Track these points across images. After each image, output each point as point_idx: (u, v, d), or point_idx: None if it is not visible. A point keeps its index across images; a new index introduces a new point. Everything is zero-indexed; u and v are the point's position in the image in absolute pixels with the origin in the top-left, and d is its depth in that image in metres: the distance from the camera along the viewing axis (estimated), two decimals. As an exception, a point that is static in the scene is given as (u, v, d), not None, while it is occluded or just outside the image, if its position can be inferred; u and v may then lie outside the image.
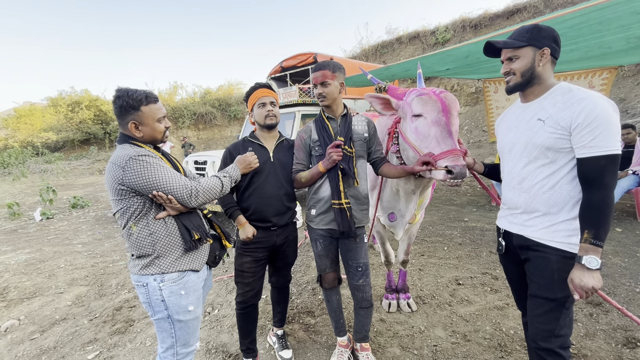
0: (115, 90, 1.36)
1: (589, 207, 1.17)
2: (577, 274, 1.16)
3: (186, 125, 17.33)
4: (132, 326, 2.62)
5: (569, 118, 1.18)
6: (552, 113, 1.23)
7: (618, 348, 2.01)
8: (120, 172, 1.26)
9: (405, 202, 2.13)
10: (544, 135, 1.25)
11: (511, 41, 1.31)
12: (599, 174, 1.14)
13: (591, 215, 1.16)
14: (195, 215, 1.47)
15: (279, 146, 1.91)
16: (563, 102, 1.22)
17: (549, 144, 1.24)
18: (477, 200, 6.05)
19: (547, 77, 1.30)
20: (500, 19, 11.02)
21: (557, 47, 1.29)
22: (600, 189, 1.15)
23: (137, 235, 1.33)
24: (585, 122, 1.14)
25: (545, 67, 1.28)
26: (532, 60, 1.28)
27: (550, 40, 1.26)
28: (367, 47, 14.26)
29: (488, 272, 3.12)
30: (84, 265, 3.96)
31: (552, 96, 1.27)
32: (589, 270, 1.14)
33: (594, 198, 1.16)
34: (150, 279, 1.34)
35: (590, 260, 1.13)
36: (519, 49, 1.29)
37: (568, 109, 1.19)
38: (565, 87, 1.26)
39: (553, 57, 1.29)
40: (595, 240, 1.13)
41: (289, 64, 6.43)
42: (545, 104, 1.28)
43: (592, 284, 1.13)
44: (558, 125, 1.21)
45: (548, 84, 1.30)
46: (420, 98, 1.70)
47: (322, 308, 2.68)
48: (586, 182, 1.18)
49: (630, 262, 3.14)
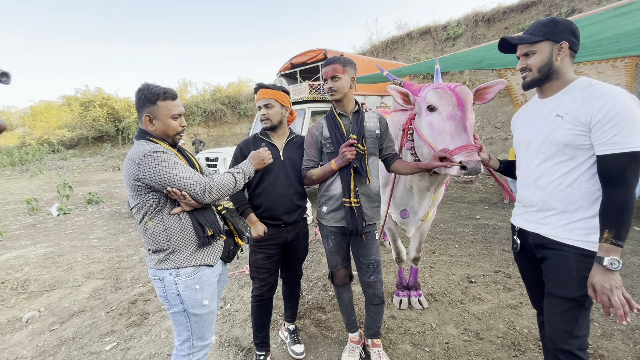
0: (139, 85, 1.40)
1: (609, 205, 1.13)
2: (598, 277, 1.12)
3: (196, 123, 17.51)
4: (147, 319, 2.68)
5: (589, 114, 1.14)
6: (572, 109, 1.20)
7: (637, 349, 1.96)
8: (136, 168, 1.28)
9: (418, 199, 2.12)
10: (562, 131, 1.21)
11: (527, 36, 1.27)
12: (621, 171, 1.11)
13: (612, 214, 1.12)
14: (209, 211, 1.49)
15: (289, 144, 1.91)
16: (583, 98, 1.18)
17: (567, 140, 1.20)
18: (489, 198, 5.96)
19: (565, 72, 1.26)
20: (514, 12, 10.79)
21: (576, 40, 1.24)
22: (622, 186, 1.11)
23: (153, 231, 1.36)
24: (606, 118, 1.11)
25: (563, 62, 1.24)
26: (550, 55, 1.24)
27: (568, 34, 1.22)
28: (377, 42, 14.13)
29: (501, 270, 3.08)
30: (100, 259, 4.06)
31: (571, 91, 1.23)
32: (610, 272, 1.10)
33: (614, 196, 1.12)
34: (166, 274, 1.36)
35: (612, 262, 1.09)
36: (536, 44, 1.26)
37: (588, 105, 1.15)
38: (585, 82, 1.21)
39: (572, 51, 1.25)
40: (616, 240, 1.10)
41: (298, 61, 6.42)
42: (564, 99, 1.24)
43: (614, 285, 1.10)
44: (577, 121, 1.17)
45: (567, 79, 1.26)
46: (435, 92, 1.68)
47: (333, 304, 2.69)
48: (607, 180, 1.15)
49: (649, 262, 3.06)
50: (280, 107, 1.84)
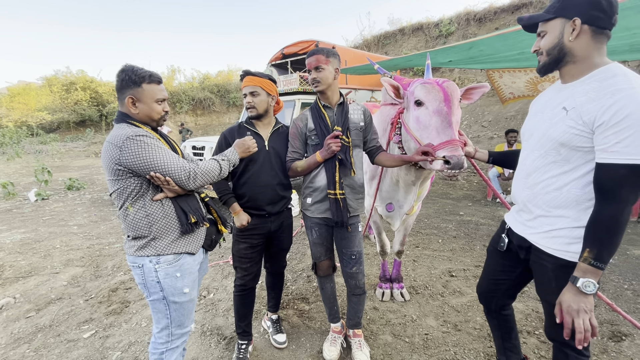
0: (122, 66, 1.35)
1: (596, 222, 1.00)
2: (568, 296, 1.03)
3: (184, 111, 17.14)
4: (128, 307, 2.64)
5: (594, 112, 0.98)
6: (579, 103, 1.03)
7: (604, 341, 2.06)
8: (117, 151, 1.24)
9: (404, 193, 2.14)
10: (561, 128, 1.07)
11: (537, 14, 1.12)
12: (617, 185, 0.96)
13: (597, 232, 0.99)
14: (192, 198, 1.47)
15: (274, 134, 1.89)
16: (597, 91, 0.99)
17: (564, 139, 1.06)
18: (473, 195, 6.09)
19: (586, 54, 1.05)
20: (505, 13, 10.89)
21: (601, 13, 1.00)
22: (615, 203, 0.97)
23: (134, 217, 1.33)
24: (612, 121, 0.94)
25: (580, 41, 1.04)
26: (560, 34, 1.06)
27: (586, 7, 1.01)
28: (369, 37, 14.06)
29: (481, 265, 3.17)
30: (80, 246, 3.96)
31: (589, 81, 1.04)
32: (582, 294, 1.00)
33: (604, 212, 0.99)
34: (146, 261, 1.34)
35: (586, 284, 0.99)
36: (547, 23, 1.10)
37: (598, 101, 0.98)
38: (610, 71, 1.00)
39: (596, 28, 1.02)
40: (596, 262, 0.98)
41: (290, 51, 6.34)
42: (579, 89, 1.06)
43: (582, 308, 1.00)
44: (580, 119, 1.02)
45: (589, 63, 1.05)
46: (423, 87, 1.69)
47: (317, 295, 2.71)
48: (600, 193, 1.01)
49: (620, 260, 3.20)
50: (266, 96, 1.81)
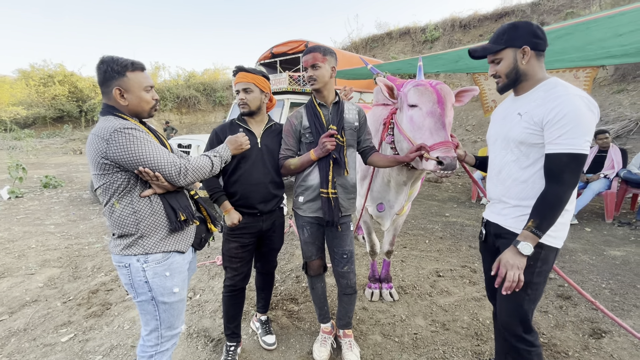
0: (100, 58, 1.29)
1: (543, 198, 1.21)
2: (508, 254, 1.23)
3: (168, 109, 16.76)
4: (109, 309, 2.54)
5: (542, 114, 1.20)
6: (530, 108, 1.25)
7: (585, 338, 2.13)
8: (104, 145, 1.19)
9: (395, 194, 2.15)
10: (518, 129, 1.28)
11: (489, 46, 1.32)
12: (560, 170, 1.17)
13: (541, 207, 1.20)
14: (182, 195, 1.42)
15: (267, 131, 1.86)
16: (543, 98, 1.23)
17: (522, 138, 1.27)
18: (457, 197, 6.21)
19: (534, 72, 1.29)
20: (489, 20, 11.22)
21: (540, 40, 1.26)
22: (558, 184, 1.18)
23: (120, 213, 1.27)
24: (555, 119, 1.16)
25: (530, 64, 1.28)
26: (514, 60, 1.28)
27: (529, 37, 1.25)
28: (357, 39, 14.19)
29: (467, 265, 3.22)
30: (57, 246, 3.79)
31: (537, 91, 1.28)
32: (519, 254, 1.21)
33: (549, 191, 1.19)
34: (133, 260, 1.29)
35: (525, 247, 1.19)
36: (499, 52, 1.30)
37: (544, 105, 1.21)
38: (551, 83, 1.26)
39: (538, 51, 1.27)
40: (536, 230, 1.18)
41: (279, 51, 6.30)
42: (529, 98, 1.29)
43: (516, 264, 1.21)
44: (532, 120, 1.23)
45: (537, 79, 1.30)
46: (416, 88, 1.70)
47: (306, 295, 2.69)
48: (548, 176, 1.22)
49: (597, 260, 3.32)
50: (259, 93, 1.79)
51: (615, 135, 6.42)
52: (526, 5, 10.34)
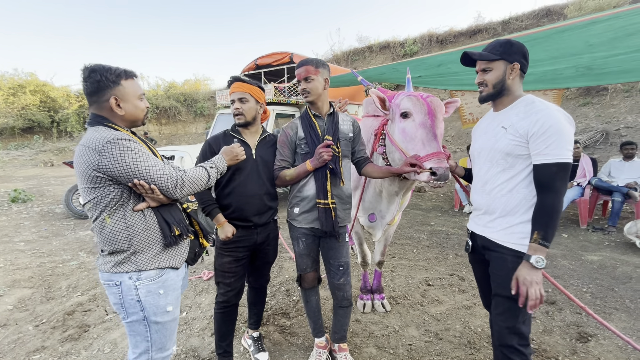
0: (85, 67, 1.22)
1: (540, 209, 1.25)
2: (523, 271, 1.25)
3: (147, 120, 16.34)
4: (87, 332, 2.38)
5: (527, 127, 1.27)
6: (514, 122, 1.32)
7: (572, 342, 2.19)
8: (96, 156, 1.13)
9: (387, 204, 2.17)
10: (504, 141, 1.34)
11: (486, 54, 1.38)
12: (551, 179, 1.23)
13: (542, 218, 1.24)
14: (175, 208, 1.37)
15: (262, 142, 1.84)
16: (524, 112, 1.30)
17: (508, 149, 1.32)
18: (441, 206, 6.35)
19: (515, 89, 1.38)
20: (463, 37, 11.75)
21: (526, 62, 1.37)
22: (551, 193, 1.23)
23: (112, 229, 1.20)
24: (540, 131, 1.23)
25: (514, 81, 1.36)
26: (504, 73, 1.35)
27: (520, 56, 1.34)
28: (339, 52, 14.46)
29: (455, 274, 3.27)
30: (28, 265, 3.54)
31: (517, 106, 1.36)
32: (534, 269, 1.23)
33: (545, 202, 1.24)
34: (125, 277, 1.21)
35: (538, 260, 1.22)
36: (493, 62, 1.36)
37: (527, 119, 1.27)
38: (529, 99, 1.34)
39: (522, 72, 1.37)
40: (543, 241, 1.22)
41: (264, 62, 6.32)
42: (510, 113, 1.36)
43: (534, 280, 1.22)
44: (517, 133, 1.29)
45: (516, 95, 1.39)
46: (409, 99, 1.74)
47: (297, 309, 2.63)
48: (539, 187, 1.27)
49: (576, 265, 3.46)
50: (255, 103, 1.77)
51: (583, 145, 6.80)
52: (497, 23, 10.92)
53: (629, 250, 3.83)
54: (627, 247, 3.90)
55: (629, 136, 6.49)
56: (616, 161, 4.84)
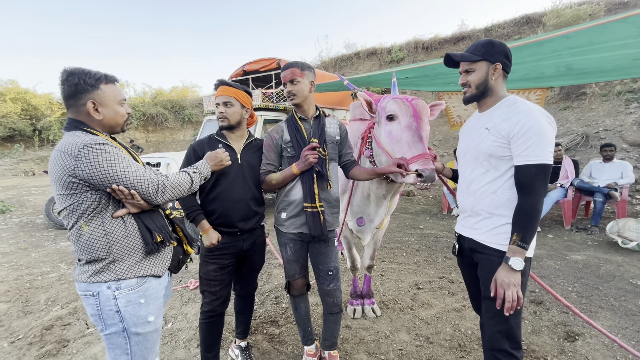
0: (64, 70, 1.18)
1: (520, 211, 1.25)
2: (502, 273, 1.24)
3: (134, 127, 16.06)
4: (67, 347, 2.28)
5: (508, 128, 1.27)
6: (497, 123, 1.32)
7: (560, 342, 2.20)
8: (72, 161, 1.09)
9: (375, 207, 2.16)
10: (487, 142, 1.34)
11: (468, 54, 1.38)
12: (530, 180, 1.23)
13: (521, 219, 1.24)
14: (157, 214, 1.33)
15: (247, 146, 1.82)
16: (507, 114, 1.30)
17: (491, 151, 1.32)
18: (429, 209, 6.40)
19: (498, 90, 1.38)
20: (448, 43, 12.01)
21: (509, 62, 1.37)
22: (531, 195, 1.23)
23: (89, 237, 1.15)
24: (520, 132, 1.23)
25: (497, 81, 1.37)
26: (486, 73, 1.35)
27: (502, 56, 1.35)
28: (327, 59, 14.58)
29: (445, 276, 3.28)
30: (5, 278, 3.39)
31: (500, 107, 1.36)
32: (512, 271, 1.22)
33: (525, 203, 1.24)
34: (103, 287, 1.16)
35: (516, 262, 1.21)
36: (475, 63, 1.37)
37: (509, 120, 1.28)
38: (512, 100, 1.35)
39: (505, 72, 1.37)
40: (522, 243, 1.22)
41: (251, 68, 6.31)
42: (494, 114, 1.36)
43: (512, 282, 1.22)
44: (499, 134, 1.30)
45: (499, 96, 1.39)
46: (394, 102, 1.75)
47: (287, 317, 2.58)
48: (520, 188, 1.27)
49: (562, 265, 3.52)
50: (240, 107, 1.75)
51: (565, 148, 6.98)
52: (480, 30, 11.22)
53: (611, 249, 3.92)
54: (609, 246, 4.00)
55: (608, 138, 6.70)
56: (596, 163, 4.98)
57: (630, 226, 3.91)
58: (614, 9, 8.35)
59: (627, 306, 2.62)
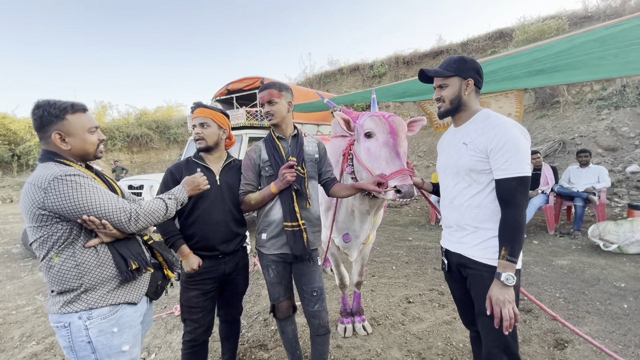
0: (34, 103, 1.20)
1: (504, 225, 1.26)
2: (495, 290, 1.23)
3: (117, 148, 15.81)
4: (41, 386, 2.14)
5: (485, 142, 1.29)
6: (473, 137, 1.34)
7: (550, 350, 2.20)
8: (42, 194, 1.08)
9: (360, 223, 2.16)
10: (466, 157, 1.35)
11: (441, 70, 1.41)
12: (512, 194, 1.25)
13: (507, 233, 1.25)
14: (133, 241, 1.30)
15: (226, 168, 1.81)
16: (482, 128, 1.33)
17: (470, 165, 1.34)
18: (418, 220, 6.44)
19: (472, 105, 1.42)
20: (427, 57, 12.43)
21: (480, 78, 1.41)
22: (513, 208, 1.25)
23: (60, 268, 1.13)
24: (497, 147, 1.25)
25: (470, 96, 1.40)
26: (459, 89, 1.39)
27: (473, 72, 1.39)
28: (311, 76, 14.84)
29: (435, 289, 3.27)
30: (-25, 315, 3.20)
31: (475, 122, 1.39)
32: (505, 287, 1.21)
33: (508, 217, 1.25)
34: (74, 317, 1.13)
35: (508, 277, 1.20)
36: (448, 78, 1.40)
37: (485, 134, 1.30)
38: (485, 114, 1.38)
39: (477, 87, 1.41)
40: (511, 257, 1.22)
41: (235, 87, 6.35)
42: (469, 128, 1.39)
43: (507, 299, 1.20)
44: (477, 148, 1.32)
45: (473, 110, 1.42)
46: (371, 119, 1.78)
47: (276, 340, 2.51)
48: (502, 202, 1.28)
49: (548, 270, 3.56)
50: (217, 128, 1.74)
51: (544, 154, 7.21)
52: (457, 45, 11.67)
53: (594, 252, 4.00)
54: (592, 250, 4.08)
55: (584, 144, 6.96)
56: (574, 168, 5.14)
57: (610, 229, 4.02)
58: (580, 22, 8.84)
59: (613, 309, 2.66)
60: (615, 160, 6.54)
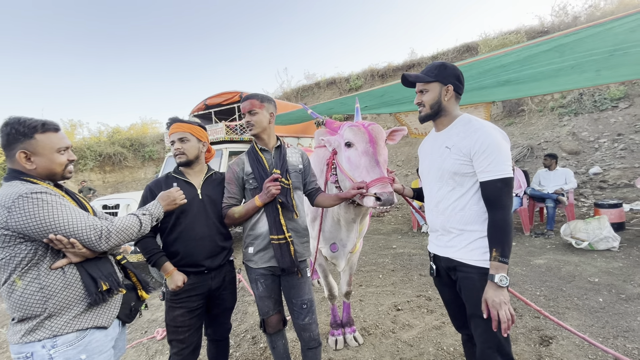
0: (4, 120, 1.16)
1: (493, 226, 1.28)
2: (490, 292, 1.24)
3: (89, 168, 15.12)
4: None
5: (469, 146, 1.32)
6: (456, 141, 1.37)
7: (537, 347, 2.26)
8: (5, 213, 1.02)
9: (346, 232, 2.16)
10: (450, 161, 1.38)
11: (422, 75, 1.45)
12: (498, 195, 1.27)
13: (496, 235, 1.26)
14: (104, 261, 1.24)
15: (207, 181, 1.77)
16: (464, 132, 1.36)
17: (454, 169, 1.36)
18: (400, 228, 6.52)
19: (452, 110, 1.45)
20: (401, 70, 12.91)
21: (460, 84, 1.44)
22: (500, 209, 1.27)
23: (22, 292, 1.06)
24: (481, 150, 1.28)
25: (450, 101, 1.43)
26: (439, 94, 1.41)
27: (453, 78, 1.41)
28: (289, 90, 15.00)
29: (422, 294, 3.29)
30: None
31: (456, 126, 1.42)
32: (500, 288, 1.22)
33: (496, 218, 1.27)
34: (37, 347, 1.06)
35: (501, 279, 1.22)
36: (429, 84, 1.43)
37: (468, 138, 1.33)
38: (466, 118, 1.41)
39: (457, 93, 1.44)
40: (502, 258, 1.23)
41: (213, 102, 6.30)
42: (451, 133, 1.42)
43: (502, 300, 1.22)
44: (460, 152, 1.34)
45: (453, 115, 1.45)
46: (350, 129, 1.82)
47: (266, 358, 2.43)
48: (488, 204, 1.30)
49: (527, 270, 3.69)
50: (197, 142, 1.72)
51: (515, 160, 7.57)
52: (428, 58, 12.23)
53: (568, 250, 4.20)
54: (566, 248, 4.28)
55: (549, 149, 7.38)
56: (543, 171, 5.42)
57: (580, 227, 4.24)
58: (537, 36, 9.52)
59: (590, 304, 2.78)
60: (579, 162, 6.97)
